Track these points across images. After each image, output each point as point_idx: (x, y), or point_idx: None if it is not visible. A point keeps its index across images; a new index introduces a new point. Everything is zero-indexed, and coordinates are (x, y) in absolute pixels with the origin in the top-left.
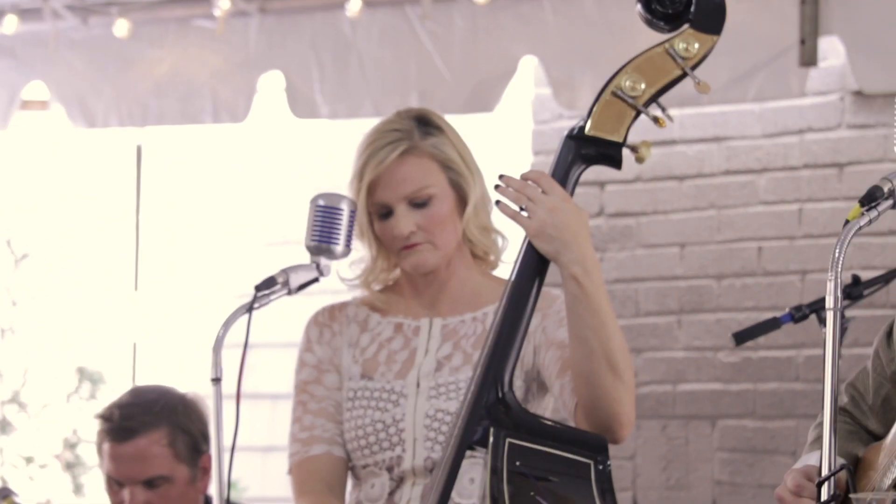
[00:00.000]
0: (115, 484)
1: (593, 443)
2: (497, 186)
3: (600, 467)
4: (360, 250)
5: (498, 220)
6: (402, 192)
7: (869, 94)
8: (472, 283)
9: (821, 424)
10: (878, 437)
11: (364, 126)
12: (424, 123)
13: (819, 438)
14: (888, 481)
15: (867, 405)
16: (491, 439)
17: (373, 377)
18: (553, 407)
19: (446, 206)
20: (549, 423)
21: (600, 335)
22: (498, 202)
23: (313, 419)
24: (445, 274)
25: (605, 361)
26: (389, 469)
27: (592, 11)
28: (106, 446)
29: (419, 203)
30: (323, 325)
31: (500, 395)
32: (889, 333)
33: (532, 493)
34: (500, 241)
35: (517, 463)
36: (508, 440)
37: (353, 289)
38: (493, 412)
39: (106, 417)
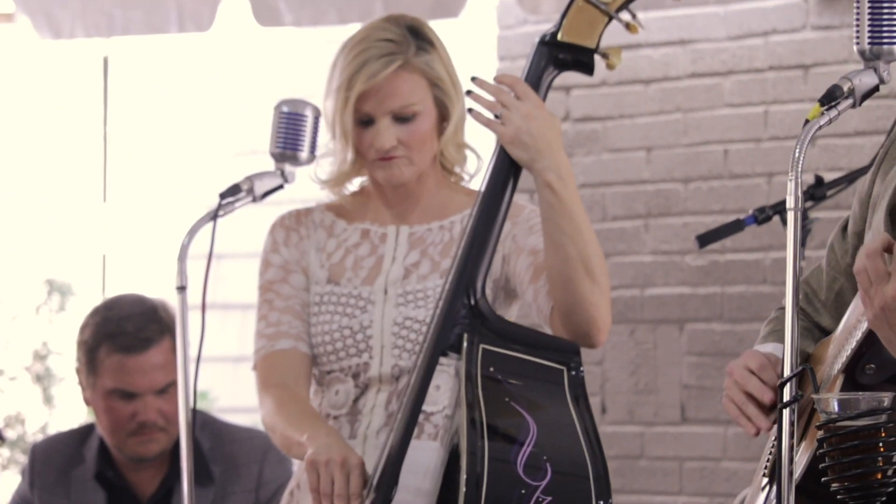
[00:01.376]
0: (122, 396)
1: (566, 348)
2: (469, 92)
3: (573, 373)
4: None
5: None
6: (389, 106)
7: None
8: (440, 195)
9: (774, 319)
10: (830, 333)
11: (329, 34)
12: (418, 36)
13: (773, 333)
14: (837, 367)
15: (820, 301)
16: (464, 345)
17: (339, 282)
18: (518, 314)
19: (428, 124)
20: (523, 328)
21: (576, 241)
22: (471, 110)
23: (279, 316)
24: (416, 187)
25: (581, 267)
26: (355, 376)
27: None
28: (114, 359)
29: (403, 118)
30: (290, 228)
31: (472, 301)
32: (844, 228)
33: (506, 399)
34: (471, 157)
35: (491, 368)
36: (482, 346)
37: (324, 188)
38: (466, 318)
39: (116, 332)
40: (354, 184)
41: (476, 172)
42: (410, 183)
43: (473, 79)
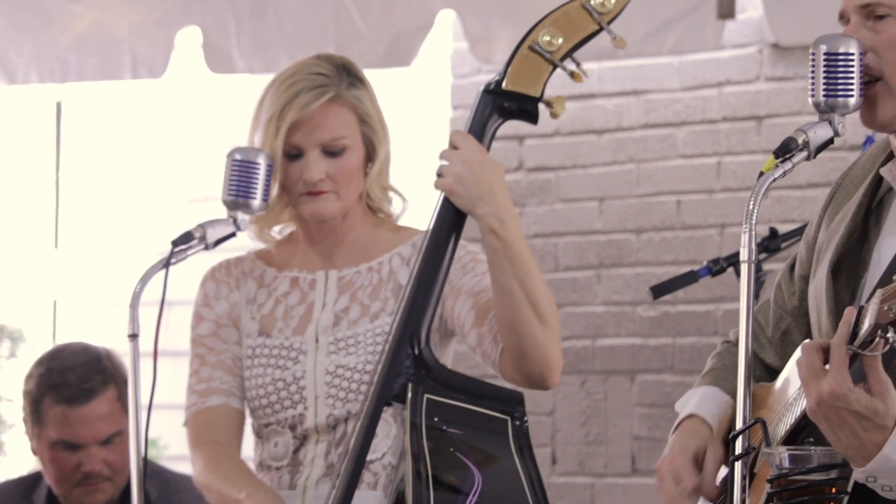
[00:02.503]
0: (66, 447)
1: (510, 398)
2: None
3: (517, 423)
4: None
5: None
6: (320, 138)
7: (787, 47)
8: (367, 235)
9: (718, 354)
10: (774, 370)
11: None
12: (349, 73)
13: (712, 371)
14: (781, 431)
15: (766, 338)
16: (409, 395)
17: (271, 334)
18: (455, 356)
19: (356, 160)
20: (467, 378)
21: (525, 284)
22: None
23: (211, 371)
24: (342, 226)
25: (531, 310)
26: (292, 427)
27: None
28: (57, 410)
29: (333, 152)
30: (220, 281)
31: (417, 350)
32: (792, 267)
33: (451, 449)
34: (397, 200)
35: (435, 418)
36: (427, 396)
37: (249, 228)
38: (410, 368)
39: (59, 383)
40: (276, 229)
41: (402, 213)
42: (336, 220)
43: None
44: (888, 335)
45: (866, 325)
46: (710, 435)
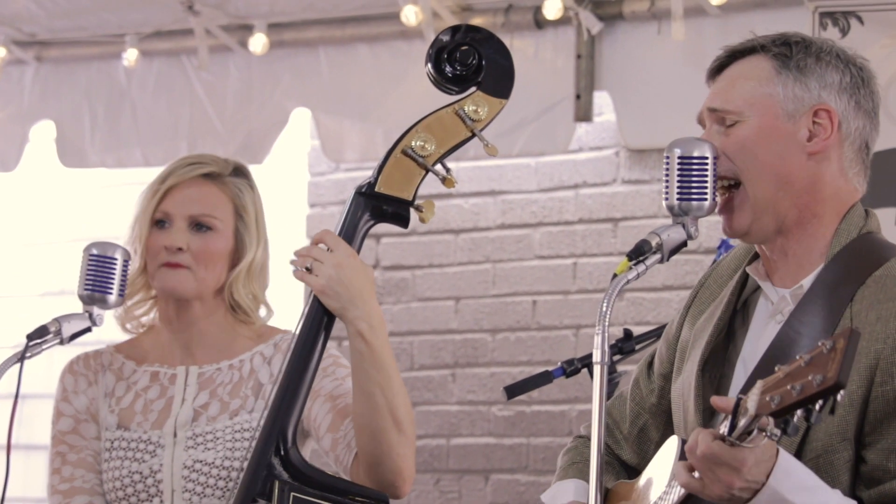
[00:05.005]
0: None
1: (375, 497)
2: (292, 261)
3: None
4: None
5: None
6: (190, 209)
7: (642, 150)
8: (227, 332)
9: (571, 450)
10: (630, 467)
11: (137, 174)
12: (239, 169)
13: (573, 465)
14: None
15: (622, 434)
16: (276, 493)
17: (129, 427)
18: (311, 455)
19: (222, 245)
20: (332, 477)
21: (386, 391)
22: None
23: (73, 470)
24: (201, 318)
25: (390, 417)
26: None
27: (367, 62)
28: None
29: (200, 226)
30: (78, 374)
31: (284, 449)
32: (650, 364)
33: None
34: (264, 311)
35: None
36: (293, 494)
37: (124, 325)
38: (277, 466)
39: None
40: (139, 314)
41: (267, 319)
42: (194, 309)
43: (294, 253)
44: (767, 429)
45: (748, 415)
46: None
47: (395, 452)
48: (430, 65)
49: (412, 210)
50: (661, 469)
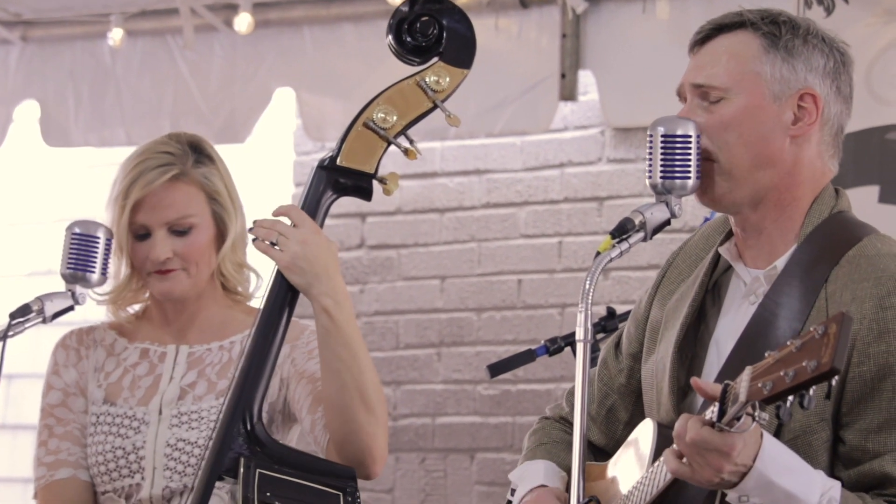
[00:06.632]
0: None
1: (342, 473)
2: (251, 228)
3: (349, 498)
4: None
5: (251, 255)
6: (165, 217)
7: (627, 129)
8: (220, 314)
9: (538, 431)
10: (598, 448)
11: (123, 153)
12: (197, 151)
13: (541, 446)
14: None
15: (590, 415)
16: (241, 469)
17: (116, 402)
18: (299, 438)
19: (205, 237)
20: (299, 453)
21: (352, 368)
22: (254, 240)
23: (59, 443)
24: (195, 304)
25: (357, 395)
26: (128, 497)
27: (351, 41)
28: None
29: (180, 231)
30: (70, 349)
31: (249, 425)
32: (617, 344)
33: None
34: (252, 277)
35: (267, 493)
36: (258, 470)
37: (102, 305)
38: (242, 442)
39: None
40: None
41: (256, 290)
42: (189, 299)
43: (254, 222)
44: (756, 413)
45: (738, 402)
46: None
47: (363, 431)
48: (390, 36)
49: (376, 183)
50: (636, 452)
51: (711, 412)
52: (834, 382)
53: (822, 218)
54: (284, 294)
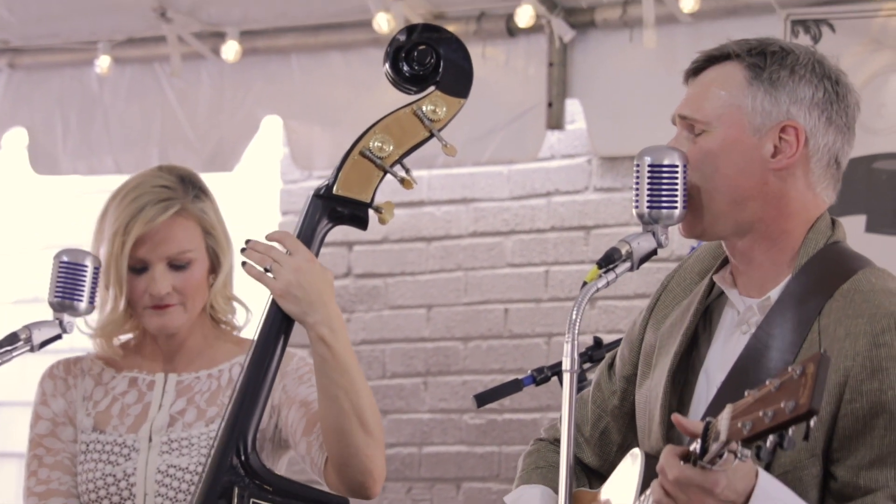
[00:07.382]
0: None
1: (335, 502)
2: (243, 249)
3: None
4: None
5: (245, 283)
6: (166, 252)
7: (614, 158)
8: (209, 343)
9: (533, 453)
10: (592, 470)
11: (112, 181)
12: (192, 185)
13: (536, 469)
14: None
15: (583, 437)
16: (235, 499)
17: (105, 430)
18: (288, 466)
19: (201, 272)
20: (292, 483)
21: (350, 394)
22: (244, 263)
23: (49, 472)
24: (186, 335)
25: (356, 419)
26: None
27: (339, 70)
28: None
29: (179, 265)
30: (58, 378)
31: (244, 454)
32: (610, 366)
33: None
34: (242, 311)
35: None
36: (253, 500)
37: (94, 338)
38: (236, 472)
39: None
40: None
41: (245, 325)
42: (182, 332)
43: (247, 241)
44: (738, 450)
45: (718, 441)
46: None
47: (362, 454)
48: (387, 64)
49: (371, 212)
50: (625, 483)
51: (694, 446)
52: (812, 423)
53: (817, 248)
54: (280, 323)
